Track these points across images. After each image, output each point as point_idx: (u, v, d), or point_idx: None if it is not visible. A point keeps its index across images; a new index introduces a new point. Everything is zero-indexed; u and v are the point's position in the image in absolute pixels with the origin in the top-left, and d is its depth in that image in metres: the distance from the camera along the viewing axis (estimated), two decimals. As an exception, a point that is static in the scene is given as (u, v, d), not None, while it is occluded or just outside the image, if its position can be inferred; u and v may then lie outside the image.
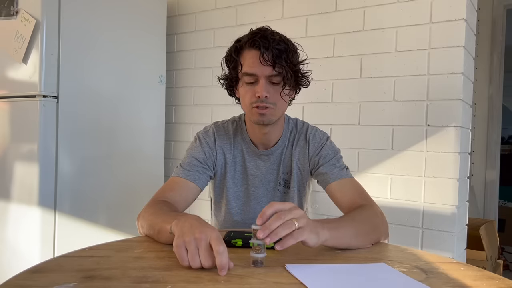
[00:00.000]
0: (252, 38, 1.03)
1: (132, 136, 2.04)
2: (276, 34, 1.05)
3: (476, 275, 0.73)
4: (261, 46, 1.01)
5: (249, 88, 1.05)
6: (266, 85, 1.03)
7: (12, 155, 1.73)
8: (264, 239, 0.69)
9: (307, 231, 0.74)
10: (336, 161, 1.12)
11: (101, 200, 1.87)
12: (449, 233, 1.56)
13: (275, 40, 1.02)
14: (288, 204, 0.75)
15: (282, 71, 1.02)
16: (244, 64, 1.05)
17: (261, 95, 1.02)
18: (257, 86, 1.03)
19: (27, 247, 1.66)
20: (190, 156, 1.13)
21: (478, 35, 2.81)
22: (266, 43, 1.01)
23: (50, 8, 1.66)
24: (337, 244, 0.84)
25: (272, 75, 1.02)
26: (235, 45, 1.08)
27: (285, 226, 0.71)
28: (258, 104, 1.03)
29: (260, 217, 0.72)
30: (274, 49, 1.01)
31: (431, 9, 1.61)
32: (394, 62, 1.68)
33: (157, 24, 2.17)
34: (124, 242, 0.88)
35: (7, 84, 1.76)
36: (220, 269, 0.67)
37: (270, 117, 1.06)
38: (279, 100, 1.06)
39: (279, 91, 1.05)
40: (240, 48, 1.07)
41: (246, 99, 1.06)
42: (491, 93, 3.00)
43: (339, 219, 0.91)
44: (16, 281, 0.63)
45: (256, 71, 1.02)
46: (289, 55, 1.03)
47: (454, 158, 1.56)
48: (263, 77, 1.02)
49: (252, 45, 1.03)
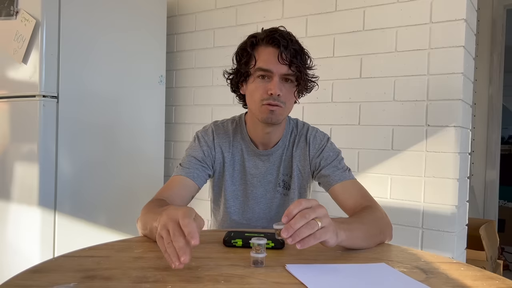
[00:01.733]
0: (271, 35, 1.04)
1: (132, 136, 2.04)
2: (292, 35, 1.06)
3: (476, 275, 0.73)
4: (280, 45, 1.02)
5: (261, 84, 1.05)
6: (279, 83, 1.03)
7: (12, 155, 1.73)
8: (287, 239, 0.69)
9: (329, 231, 0.74)
10: (337, 163, 1.12)
11: (101, 200, 1.87)
12: (449, 233, 1.56)
13: (293, 41, 1.04)
14: (313, 202, 0.75)
15: (296, 71, 1.03)
16: (259, 60, 1.05)
17: (275, 92, 1.02)
18: (271, 83, 1.03)
19: (27, 247, 1.66)
20: (189, 155, 1.13)
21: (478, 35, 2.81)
22: (285, 42, 1.02)
23: (50, 8, 1.66)
24: (349, 245, 0.84)
25: (287, 74, 1.04)
26: (250, 40, 1.08)
27: (308, 226, 0.71)
28: (270, 101, 1.03)
29: (286, 215, 0.72)
30: (292, 49, 1.02)
31: (431, 9, 1.61)
32: (394, 62, 1.68)
33: (157, 24, 2.17)
34: (124, 242, 0.88)
35: (7, 84, 1.76)
36: (190, 238, 0.63)
37: (279, 116, 1.06)
38: (289, 100, 1.07)
39: (291, 91, 1.06)
40: (256, 44, 1.07)
41: (257, 95, 1.06)
42: (491, 93, 3.00)
43: (350, 220, 0.92)
44: (16, 281, 0.63)
45: (272, 68, 1.03)
46: (303, 57, 1.05)
47: (454, 158, 1.56)
48: (277, 75, 1.03)
49: (270, 42, 1.04)
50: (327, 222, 0.74)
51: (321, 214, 0.73)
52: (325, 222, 0.73)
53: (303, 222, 0.70)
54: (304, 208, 0.72)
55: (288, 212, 0.72)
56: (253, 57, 1.06)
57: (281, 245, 0.86)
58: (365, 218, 0.94)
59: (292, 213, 0.72)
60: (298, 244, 0.70)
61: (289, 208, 0.72)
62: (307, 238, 0.71)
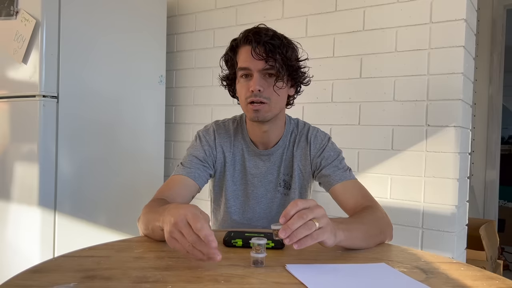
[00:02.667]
0: (245, 34, 1.06)
1: (132, 136, 2.04)
2: (271, 31, 1.06)
3: (476, 275, 0.73)
4: (253, 41, 1.02)
5: (244, 83, 1.06)
6: (260, 79, 1.04)
7: (12, 155, 1.73)
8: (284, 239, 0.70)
9: (327, 232, 0.74)
10: (338, 163, 1.12)
11: (101, 200, 1.87)
12: (449, 233, 1.56)
13: (268, 35, 1.04)
14: (311, 202, 0.75)
15: (275, 64, 1.02)
16: (239, 60, 1.07)
17: (254, 88, 1.03)
18: (251, 80, 1.04)
19: (27, 247, 1.66)
20: (190, 154, 1.13)
21: (478, 35, 2.81)
22: (258, 38, 1.03)
23: (50, 8, 1.66)
24: (348, 245, 0.85)
25: (265, 68, 1.03)
26: (231, 44, 1.11)
27: (306, 226, 0.71)
28: (253, 99, 1.04)
29: (283, 216, 0.72)
30: (267, 43, 1.02)
31: (431, 9, 1.61)
32: (394, 62, 1.68)
33: (157, 24, 2.17)
34: (124, 242, 0.88)
35: (7, 84, 1.76)
36: (207, 242, 0.66)
37: (265, 114, 1.06)
38: (272, 94, 1.05)
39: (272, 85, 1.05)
40: (236, 46, 1.09)
41: (242, 95, 1.08)
42: (491, 93, 3.00)
43: (349, 220, 0.92)
44: (16, 281, 0.63)
45: (249, 65, 1.04)
46: (283, 50, 1.04)
47: (454, 158, 1.56)
48: (256, 71, 1.04)
49: (245, 41, 1.05)
50: (324, 223, 0.74)
51: (319, 215, 0.73)
52: (323, 222, 0.74)
53: (300, 222, 0.71)
54: (302, 209, 0.73)
55: (285, 212, 0.72)
56: (235, 60, 1.09)
57: (281, 245, 0.86)
58: (365, 218, 0.94)
59: (289, 213, 0.72)
60: (295, 244, 0.70)
61: (287, 209, 0.73)
62: (304, 238, 0.71)
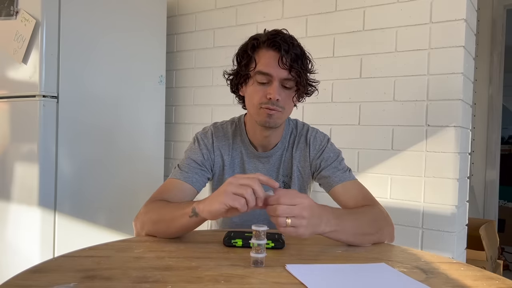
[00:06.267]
0: (272, 38, 1.02)
1: (132, 136, 2.04)
2: (294, 39, 1.05)
3: (476, 275, 0.73)
4: (281, 49, 1.00)
5: (260, 88, 1.03)
6: (279, 88, 1.02)
7: (12, 155, 1.73)
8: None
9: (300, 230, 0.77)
10: (338, 164, 1.12)
11: (101, 200, 1.87)
12: (449, 233, 1.56)
13: (294, 45, 1.02)
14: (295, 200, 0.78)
15: (296, 76, 1.02)
16: (259, 63, 1.03)
17: (274, 97, 1.01)
18: (270, 87, 1.02)
19: (27, 247, 1.66)
20: (188, 157, 1.12)
21: (478, 35, 2.81)
22: (286, 46, 1.00)
23: (50, 8, 1.66)
24: (335, 238, 0.87)
25: (287, 78, 1.02)
26: (251, 42, 1.06)
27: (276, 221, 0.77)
28: (269, 106, 1.02)
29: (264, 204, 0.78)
30: (293, 53, 1.01)
31: (431, 9, 1.61)
32: (394, 62, 1.68)
33: (157, 24, 2.17)
34: (124, 242, 0.88)
35: (7, 84, 1.76)
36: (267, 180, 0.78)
37: (277, 120, 1.05)
38: (288, 105, 1.06)
39: (290, 96, 1.05)
40: (257, 46, 1.05)
41: (255, 98, 1.05)
42: (491, 93, 3.00)
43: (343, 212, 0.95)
44: (16, 281, 0.63)
45: (272, 72, 1.01)
46: (304, 61, 1.04)
47: (454, 158, 1.56)
48: (277, 79, 1.02)
49: (271, 45, 1.02)
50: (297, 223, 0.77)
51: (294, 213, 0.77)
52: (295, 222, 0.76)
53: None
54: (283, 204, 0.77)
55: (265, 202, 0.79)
56: (254, 60, 1.04)
57: (281, 245, 0.86)
58: (359, 214, 0.95)
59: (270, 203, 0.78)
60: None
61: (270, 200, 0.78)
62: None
